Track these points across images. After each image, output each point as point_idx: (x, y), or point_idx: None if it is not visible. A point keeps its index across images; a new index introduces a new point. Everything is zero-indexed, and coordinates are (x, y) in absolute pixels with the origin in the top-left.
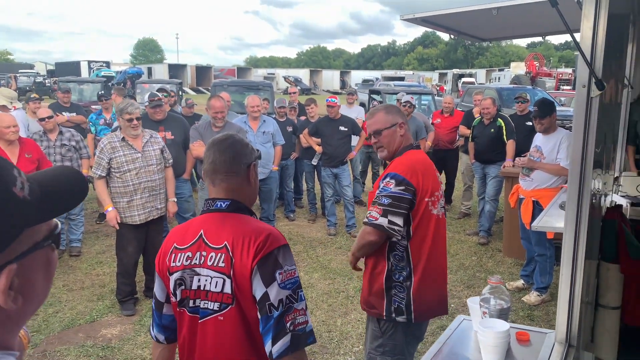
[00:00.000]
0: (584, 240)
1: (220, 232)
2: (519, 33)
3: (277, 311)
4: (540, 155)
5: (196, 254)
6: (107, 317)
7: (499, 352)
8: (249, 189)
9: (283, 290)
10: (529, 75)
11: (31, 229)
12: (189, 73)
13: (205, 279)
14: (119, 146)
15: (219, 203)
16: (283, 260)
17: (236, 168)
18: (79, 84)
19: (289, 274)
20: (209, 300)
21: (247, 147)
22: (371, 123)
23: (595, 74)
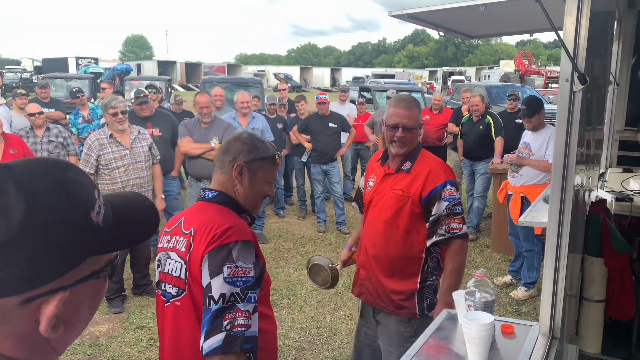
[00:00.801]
0: (567, 234)
1: (193, 219)
2: (507, 30)
3: (216, 305)
4: (528, 151)
5: (173, 238)
6: (94, 314)
7: (484, 344)
8: (239, 188)
9: (228, 285)
10: (518, 73)
11: (95, 257)
12: (179, 70)
13: (172, 263)
14: (107, 143)
15: (208, 193)
16: (237, 255)
17: (221, 163)
18: (67, 80)
19: (241, 271)
20: (171, 284)
21: (245, 146)
22: (405, 115)
23: (577, 68)
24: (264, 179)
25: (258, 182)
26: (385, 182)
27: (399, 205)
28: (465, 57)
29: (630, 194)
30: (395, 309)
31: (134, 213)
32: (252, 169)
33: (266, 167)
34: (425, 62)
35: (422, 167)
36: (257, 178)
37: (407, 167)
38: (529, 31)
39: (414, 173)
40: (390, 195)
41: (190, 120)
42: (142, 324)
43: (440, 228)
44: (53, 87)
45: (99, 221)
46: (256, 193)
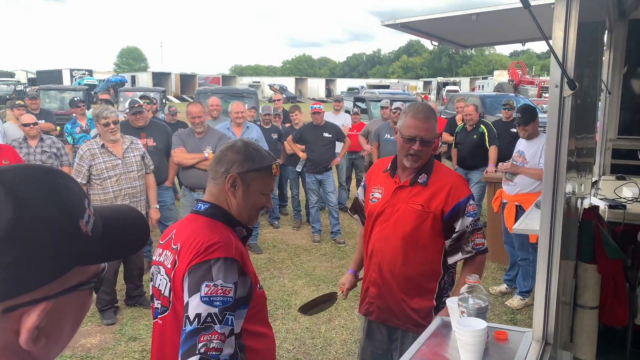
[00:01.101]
0: (558, 240)
1: (182, 233)
2: (499, 40)
3: (191, 326)
4: (523, 160)
5: (164, 252)
6: (86, 326)
7: (477, 350)
8: (232, 201)
9: (205, 305)
10: (511, 83)
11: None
12: (173, 81)
13: (160, 278)
14: (99, 153)
15: (200, 205)
16: (217, 273)
17: (214, 174)
18: (61, 92)
19: (220, 289)
20: (159, 301)
21: (239, 156)
22: (423, 128)
23: (566, 74)
24: (259, 190)
25: (253, 194)
26: (398, 195)
27: (419, 221)
28: (460, 67)
29: (623, 202)
30: (415, 327)
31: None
32: (246, 180)
33: (262, 178)
34: (420, 73)
35: (442, 181)
36: (251, 190)
37: (423, 180)
38: (521, 40)
39: (433, 187)
40: (408, 210)
41: (183, 131)
42: (134, 335)
43: (467, 245)
44: (47, 98)
45: (87, 230)
46: (251, 205)
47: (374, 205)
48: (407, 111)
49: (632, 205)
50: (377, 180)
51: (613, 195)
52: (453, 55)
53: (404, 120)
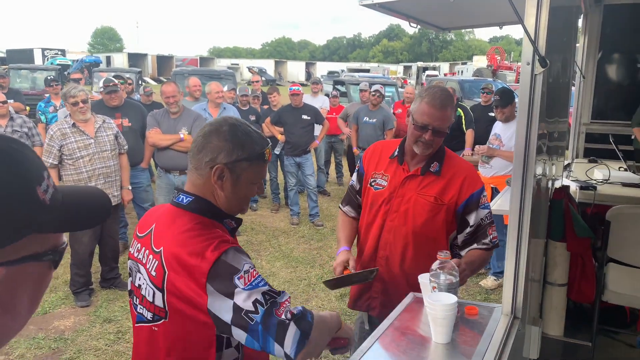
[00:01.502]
0: (527, 218)
1: (164, 233)
2: (477, 22)
3: (259, 313)
4: (499, 143)
5: (142, 249)
6: (60, 308)
7: (447, 324)
8: (219, 194)
9: (253, 291)
10: (490, 68)
11: (37, 236)
12: (150, 62)
13: (143, 281)
14: (70, 132)
15: (182, 196)
16: (237, 261)
17: (196, 162)
18: (32, 72)
19: (254, 272)
20: (144, 307)
21: (226, 143)
22: (438, 117)
23: (538, 51)
24: (250, 181)
25: (243, 185)
26: (407, 184)
27: (432, 213)
28: (440, 52)
29: (594, 183)
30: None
31: (84, 197)
32: (235, 171)
33: (253, 167)
34: (400, 57)
35: (455, 170)
36: (242, 181)
37: (435, 169)
38: (499, 24)
39: (446, 177)
40: (420, 202)
41: (158, 111)
42: (109, 317)
43: (485, 238)
44: (18, 78)
45: (45, 199)
46: (241, 197)
47: (378, 192)
48: (423, 95)
49: (602, 187)
50: (381, 165)
51: (584, 177)
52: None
53: (418, 104)
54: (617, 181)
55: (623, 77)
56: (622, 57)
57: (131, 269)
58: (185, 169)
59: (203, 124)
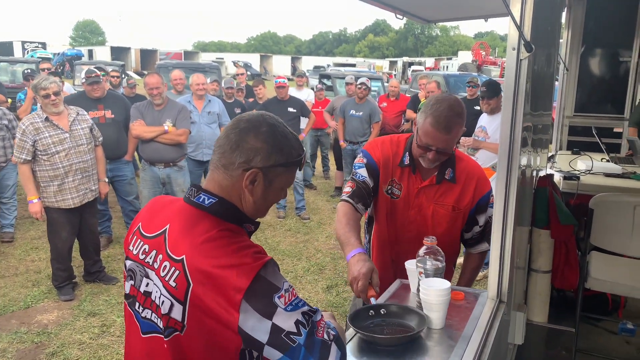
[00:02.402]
0: (512, 206)
1: (183, 239)
2: (463, 15)
3: (302, 335)
4: (485, 135)
5: (152, 252)
6: (43, 303)
7: (442, 309)
8: (248, 198)
9: (294, 312)
10: (475, 63)
11: None
12: (133, 56)
13: (155, 289)
14: (43, 127)
15: (203, 196)
16: (276, 279)
17: (228, 162)
18: (12, 64)
19: (292, 292)
20: (158, 316)
21: (265, 145)
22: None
23: (524, 36)
24: (281, 187)
25: (274, 191)
26: (423, 194)
27: (452, 222)
28: (425, 47)
29: (577, 173)
30: None
31: None
32: (269, 176)
33: (288, 173)
34: (386, 53)
35: (467, 174)
36: (274, 186)
37: (450, 176)
38: (484, 16)
39: (461, 182)
40: (440, 212)
41: (142, 103)
42: (93, 310)
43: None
44: None
45: None
46: (269, 203)
47: (395, 202)
48: (429, 112)
49: (585, 177)
50: (393, 172)
51: (568, 167)
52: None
53: (422, 122)
54: (599, 172)
55: (606, 71)
56: (605, 50)
57: (132, 271)
58: (171, 162)
59: (188, 115)
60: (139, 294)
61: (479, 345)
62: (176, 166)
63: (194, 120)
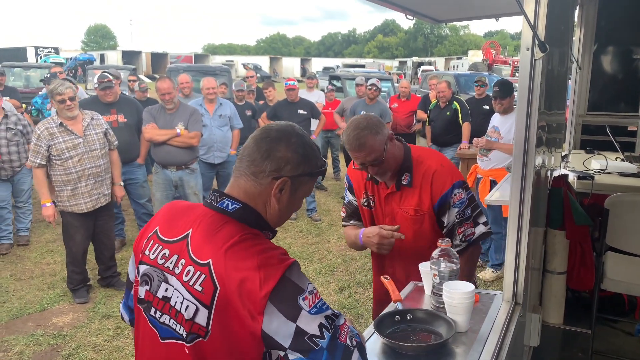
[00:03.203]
0: (528, 206)
1: (208, 243)
2: (473, 15)
3: (326, 339)
4: (497, 135)
5: (173, 256)
6: (58, 305)
7: (466, 312)
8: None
9: (318, 315)
10: (485, 62)
11: None
12: (144, 60)
13: (175, 294)
14: (58, 132)
15: (227, 202)
16: (300, 280)
17: (256, 169)
18: (25, 70)
19: (315, 294)
20: (177, 322)
21: (295, 155)
22: (363, 155)
23: (538, 36)
24: (304, 195)
25: (297, 199)
26: (390, 202)
27: (418, 225)
28: (435, 47)
29: (591, 173)
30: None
31: None
32: (295, 184)
33: (311, 182)
34: (395, 53)
35: (424, 174)
36: (298, 195)
37: (407, 181)
38: (495, 15)
39: (418, 184)
40: (404, 217)
41: (154, 107)
42: (108, 313)
43: (455, 239)
44: (11, 76)
45: None
46: (290, 212)
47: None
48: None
49: (599, 177)
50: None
51: (582, 167)
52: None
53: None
54: (614, 171)
55: (618, 69)
56: (618, 48)
57: (150, 277)
58: (183, 165)
59: (199, 118)
60: (155, 299)
61: (496, 348)
62: (188, 169)
63: (206, 123)
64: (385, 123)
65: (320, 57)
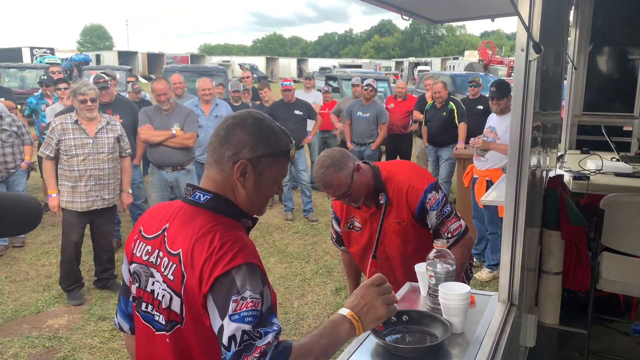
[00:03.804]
0: (523, 207)
1: (180, 234)
2: (469, 15)
3: (230, 352)
4: (494, 135)
5: (155, 251)
6: (53, 307)
7: (462, 313)
8: (240, 191)
9: (236, 323)
10: (482, 62)
11: None
12: (140, 60)
13: (157, 286)
14: (71, 128)
15: (199, 194)
16: (243, 283)
17: (217, 157)
18: (20, 70)
19: (250, 303)
20: (160, 313)
21: (251, 137)
22: (332, 191)
23: (532, 37)
24: (273, 179)
25: (265, 183)
26: (375, 220)
27: (403, 236)
28: (431, 47)
29: (587, 173)
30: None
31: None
32: (258, 167)
33: (277, 164)
34: (392, 53)
35: (398, 189)
36: (264, 178)
37: (384, 200)
38: (491, 16)
39: (394, 201)
40: (389, 231)
41: (150, 107)
42: (104, 315)
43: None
44: (6, 77)
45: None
46: (262, 196)
47: (359, 234)
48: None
49: (595, 177)
50: (348, 211)
51: (577, 167)
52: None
53: None
54: (610, 171)
55: (614, 69)
56: (613, 49)
57: (138, 274)
58: (179, 165)
59: (195, 119)
60: (145, 294)
61: (491, 349)
62: (184, 170)
63: (202, 124)
64: (349, 156)
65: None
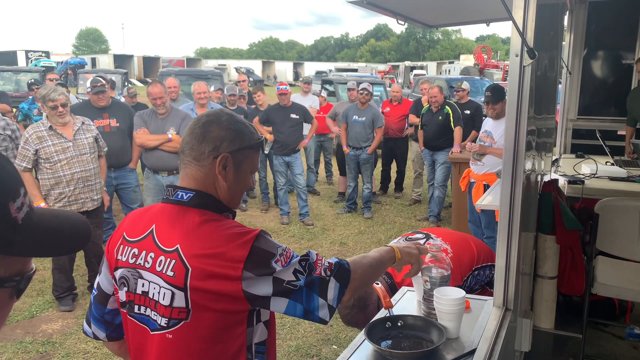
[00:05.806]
0: (518, 212)
1: (172, 231)
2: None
3: (301, 280)
4: (491, 140)
5: (142, 253)
6: (47, 312)
7: (457, 318)
8: (222, 185)
9: (289, 267)
10: (477, 67)
11: (2, 258)
12: (136, 64)
13: (152, 286)
14: (47, 135)
15: (181, 193)
16: (270, 246)
17: (197, 154)
18: (15, 74)
19: (286, 255)
20: (158, 312)
21: (228, 132)
22: None
23: (526, 42)
24: (250, 170)
25: (243, 175)
26: None
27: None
28: (427, 51)
29: (582, 177)
30: None
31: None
32: (237, 160)
33: (252, 156)
34: (388, 57)
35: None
36: (242, 171)
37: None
38: (486, 20)
39: None
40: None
41: (145, 111)
42: None
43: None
44: (1, 80)
45: (18, 217)
46: (241, 188)
47: None
48: None
49: (590, 181)
50: None
51: (572, 171)
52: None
53: None
54: (604, 175)
55: (608, 73)
56: (607, 53)
57: (126, 278)
58: (174, 170)
59: None
60: (136, 296)
61: (486, 354)
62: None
63: None
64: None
65: (313, 61)
